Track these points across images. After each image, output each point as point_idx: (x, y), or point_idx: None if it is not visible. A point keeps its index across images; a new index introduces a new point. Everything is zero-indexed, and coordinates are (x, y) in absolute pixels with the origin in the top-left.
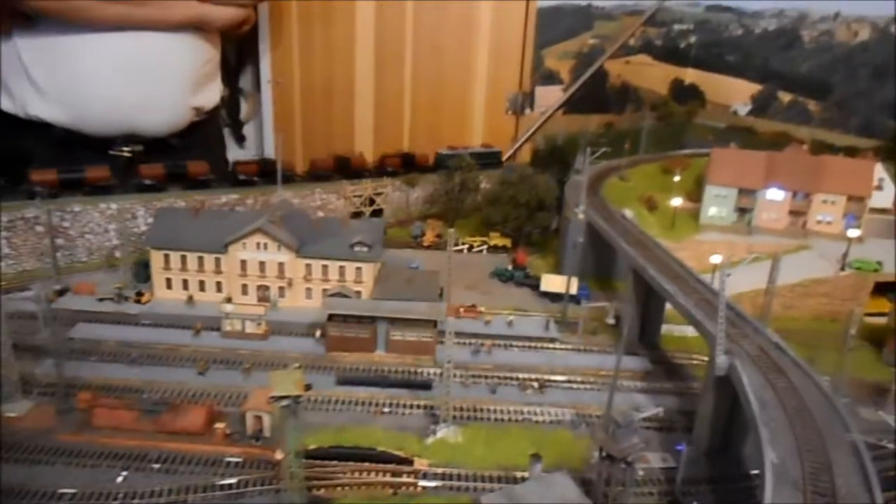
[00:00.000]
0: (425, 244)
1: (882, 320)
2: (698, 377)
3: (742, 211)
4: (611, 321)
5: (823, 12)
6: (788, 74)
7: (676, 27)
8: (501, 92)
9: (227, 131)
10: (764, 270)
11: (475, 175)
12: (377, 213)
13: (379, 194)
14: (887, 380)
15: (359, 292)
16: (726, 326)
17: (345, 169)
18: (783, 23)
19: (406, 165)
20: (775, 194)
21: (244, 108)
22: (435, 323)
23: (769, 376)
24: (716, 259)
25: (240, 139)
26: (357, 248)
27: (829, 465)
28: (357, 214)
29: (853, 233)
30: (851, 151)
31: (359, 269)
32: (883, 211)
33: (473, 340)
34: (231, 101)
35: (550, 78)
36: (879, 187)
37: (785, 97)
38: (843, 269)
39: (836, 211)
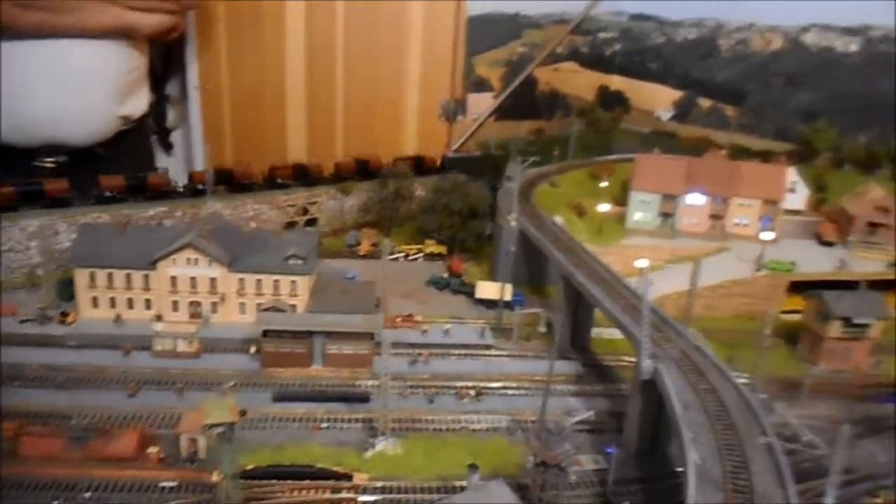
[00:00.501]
0: (361, 253)
1: (797, 317)
2: (627, 379)
3: (666, 215)
4: (542, 329)
5: (739, 22)
6: (707, 82)
7: (602, 35)
8: (434, 98)
9: (154, 139)
10: (687, 273)
11: (410, 183)
12: (311, 222)
13: (313, 203)
14: (802, 375)
15: (294, 306)
16: (651, 330)
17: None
18: (702, 32)
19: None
20: (696, 199)
21: (171, 115)
22: (371, 335)
23: (691, 379)
24: (641, 263)
25: (167, 147)
26: (291, 261)
27: (746, 464)
28: (291, 224)
29: (767, 236)
30: (767, 155)
31: (293, 282)
32: (797, 212)
33: (411, 350)
34: (158, 108)
35: (481, 85)
36: (793, 190)
37: (705, 103)
38: (759, 269)
39: (752, 214)
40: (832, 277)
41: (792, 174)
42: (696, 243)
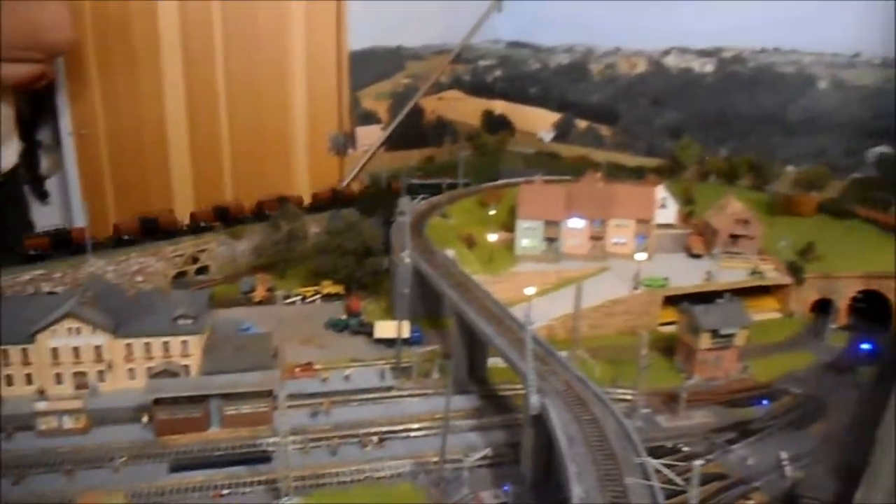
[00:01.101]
0: (257, 300)
1: (674, 329)
2: (522, 408)
3: (550, 240)
4: (436, 374)
5: (606, 47)
6: (582, 104)
7: (482, 63)
8: (323, 133)
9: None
10: (572, 295)
11: (302, 224)
12: (202, 270)
13: (202, 251)
14: (678, 386)
15: (187, 366)
16: (537, 363)
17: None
18: (573, 57)
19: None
20: (576, 223)
21: (44, 162)
22: (270, 391)
23: (575, 411)
24: (529, 291)
25: (41, 195)
26: (180, 321)
27: (625, 492)
28: (181, 275)
29: (640, 256)
30: (640, 171)
31: (184, 342)
32: (669, 226)
33: (312, 401)
34: (29, 157)
35: (369, 118)
36: (663, 206)
37: (582, 124)
38: (636, 288)
39: (628, 233)
40: (701, 289)
41: (661, 191)
42: (579, 265)
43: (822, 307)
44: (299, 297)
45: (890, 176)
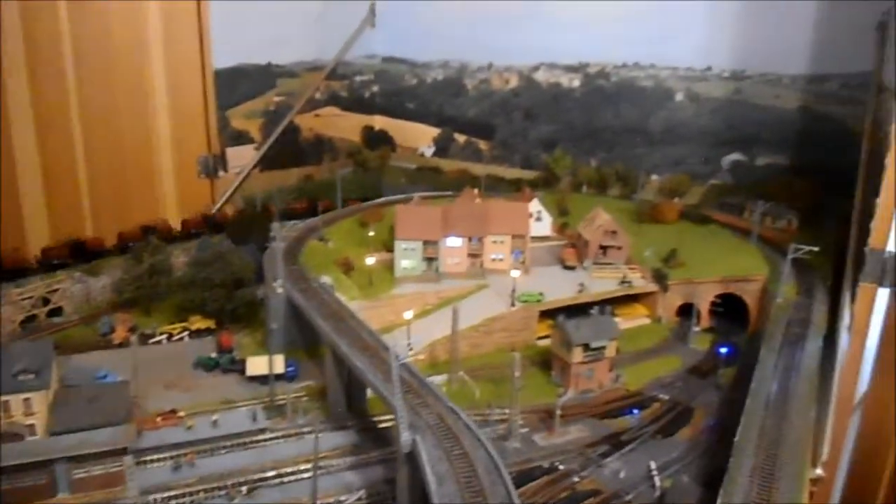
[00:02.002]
0: (117, 341)
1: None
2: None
3: (430, 260)
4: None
5: (480, 63)
6: (460, 118)
7: (358, 79)
8: (191, 155)
9: None
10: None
11: (167, 255)
12: (56, 312)
13: (54, 291)
14: (552, 403)
15: (31, 426)
16: (410, 397)
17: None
18: (448, 73)
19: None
20: (454, 242)
21: None
22: (125, 448)
23: (446, 446)
24: (407, 315)
25: None
26: (21, 377)
27: None
28: (31, 319)
29: (515, 273)
30: (518, 183)
31: (27, 400)
32: (545, 238)
33: (175, 452)
34: None
35: (240, 138)
36: (539, 218)
37: (461, 138)
38: (513, 304)
39: (504, 249)
40: (574, 302)
41: (536, 204)
42: (459, 284)
43: (687, 311)
44: (165, 336)
45: (743, 182)
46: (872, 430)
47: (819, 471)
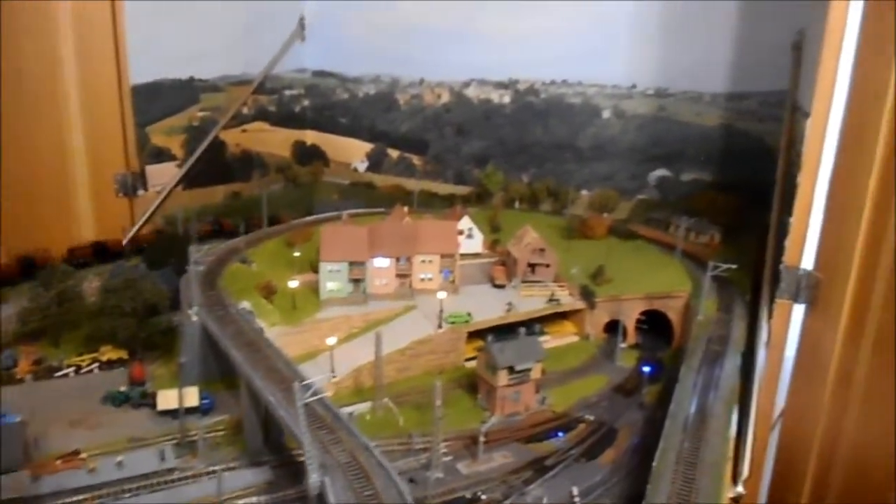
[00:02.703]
0: (20, 376)
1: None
2: None
3: (356, 281)
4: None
5: (411, 78)
6: (392, 133)
7: (288, 93)
8: (108, 174)
9: None
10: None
11: (77, 281)
12: None
13: None
14: (476, 429)
15: None
16: (324, 433)
17: None
18: (380, 88)
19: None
20: (381, 262)
21: None
22: (16, 500)
23: (356, 487)
24: (331, 341)
25: None
26: None
27: None
28: None
29: (441, 294)
30: (452, 198)
31: None
32: (476, 255)
33: (74, 499)
34: None
35: (161, 155)
36: (470, 236)
37: (394, 154)
38: (440, 326)
39: (433, 269)
40: (502, 322)
41: (466, 221)
42: (386, 305)
43: (614, 328)
44: (73, 368)
45: (669, 197)
46: (791, 444)
47: (740, 488)
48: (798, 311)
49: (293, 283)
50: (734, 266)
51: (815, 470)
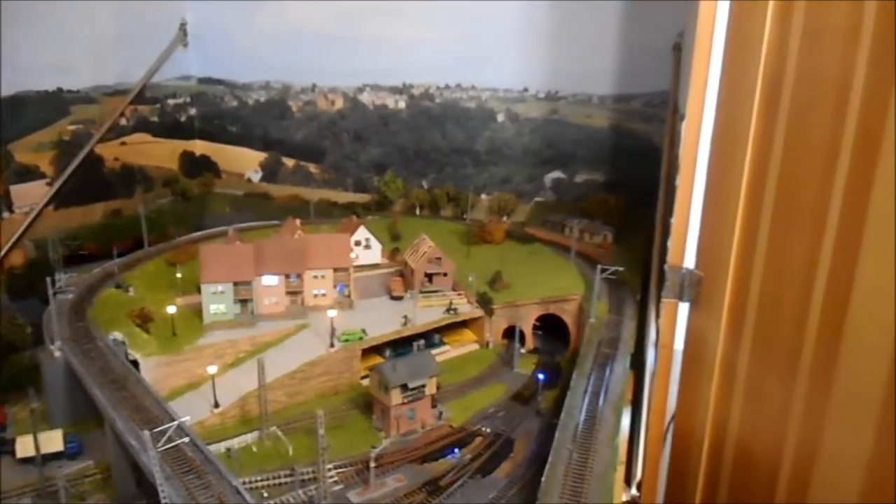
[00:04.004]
0: None
1: None
2: None
3: (244, 302)
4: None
5: (304, 84)
6: (287, 142)
7: (172, 102)
8: None
9: None
10: (269, 363)
11: None
12: None
13: None
14: (366, 453)
15: None
16: (191, 478)
17: None
18: (271, 94)
19: None
20: (269, 280)
21: None
22: None
23: None
24: (212, 369)
25: None
26: None
27: None
28: None
29: (332, 313)
30: (352, 207)
31: None
32: (375, 266)
33: None
34: None
35: (28, 174)
36: (368, 246)
37: (290, 162)
38: (332, 345)
39: (327, 284)
40: (399, 336)
41: (363, 232)
42: (276, 326)
43: (513, 334)
44: None
45: (565, 199)
46: (683, 442)
47: (634, 491)
48: (684, 309)
49: (171, 309)
50: (621, 269)
51: (707, 465)
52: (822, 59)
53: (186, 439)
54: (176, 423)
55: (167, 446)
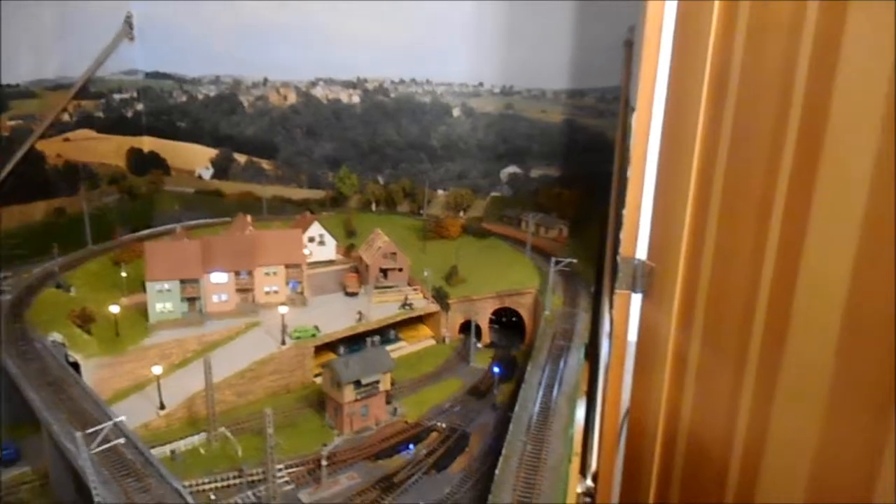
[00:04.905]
0: None
1: None
2: None
3: (191, 300)
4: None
5: (254, 78)
6: (238, 137)
7: (117, 97)
8: None
9: None
10: (217, 362)
11: None
12: None
13: None
14: (317, 452)
15: None
16: (129, 482)
17: None
18: (221, 89)
19: None
20: (218, 277)
21: None
22: None
23: None
24: (157, 370)
25: None
26: None
27: None
28: None
29: (283, 309)
30: (307, 203)
31: None
32: (330, 263)
33: None
34: None
35: None
36: (322, 242)
37: (241, 159)
38: (283, 343)
39: (279, 281)
40: (353, 332)
41: (317, 228)
42: (225, 324)
43: (469, 329)
44: None
45: (521, 193)
46: (638, 432)
47: (589, 482)
48: (637, 300)
49: (115, 308)
50: (574, 260)
51: (661, 456)
52: (767, 55)
53: (123, 440)
54: (111, 422)
55: (102, 447)
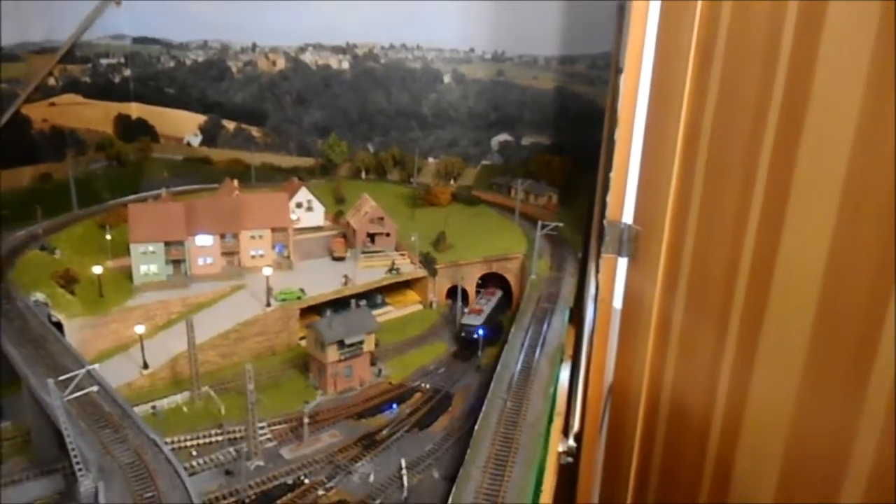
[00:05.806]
0: None
1: None
2: None
3: (177, 262)
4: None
5: (243, 43)
6: (227, 104)
7: (104, 62)
8: None
9: None
10: (202, 324)
11: None
12: None
13: None
14: (299, 411)
15: None
16: (107, 433)
17: None
18: (209, 54)
19: None
20: (204, 240)
21: None
22: None
23: (136, 489)
24: (139, 329)
25: None
26: None
27: None
28: None
29: (267, 271)
30: (296, 171)
31: None
32: (318, 229)
33: None
34: None
35: None
36: (310, 208)
37: (230, 125)
38: (268, 304)
39: (265, 244)
40: (339, 296)
41: (304, 193)
42: (211, 287)
43: (456, 294)
44: None
45: (511, 161)
46: (622, 395)
47: (571, 441)
48: (623, 264)
49: (97, 269)
50: (561, 224)
51: (644, 417)
52: (753, 21)
53: (96, 388)
54: (84, 369)
55: (75, 394)
